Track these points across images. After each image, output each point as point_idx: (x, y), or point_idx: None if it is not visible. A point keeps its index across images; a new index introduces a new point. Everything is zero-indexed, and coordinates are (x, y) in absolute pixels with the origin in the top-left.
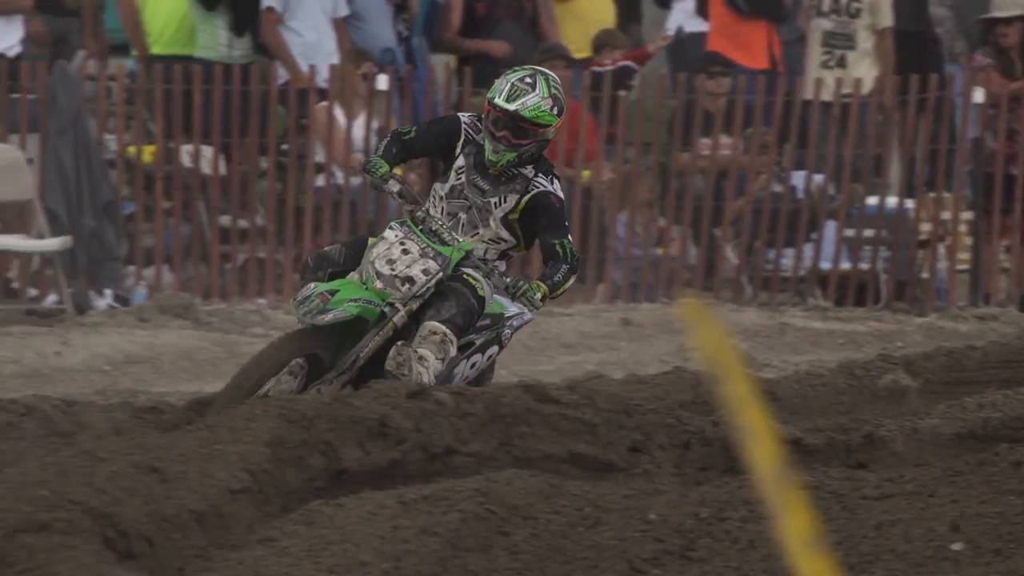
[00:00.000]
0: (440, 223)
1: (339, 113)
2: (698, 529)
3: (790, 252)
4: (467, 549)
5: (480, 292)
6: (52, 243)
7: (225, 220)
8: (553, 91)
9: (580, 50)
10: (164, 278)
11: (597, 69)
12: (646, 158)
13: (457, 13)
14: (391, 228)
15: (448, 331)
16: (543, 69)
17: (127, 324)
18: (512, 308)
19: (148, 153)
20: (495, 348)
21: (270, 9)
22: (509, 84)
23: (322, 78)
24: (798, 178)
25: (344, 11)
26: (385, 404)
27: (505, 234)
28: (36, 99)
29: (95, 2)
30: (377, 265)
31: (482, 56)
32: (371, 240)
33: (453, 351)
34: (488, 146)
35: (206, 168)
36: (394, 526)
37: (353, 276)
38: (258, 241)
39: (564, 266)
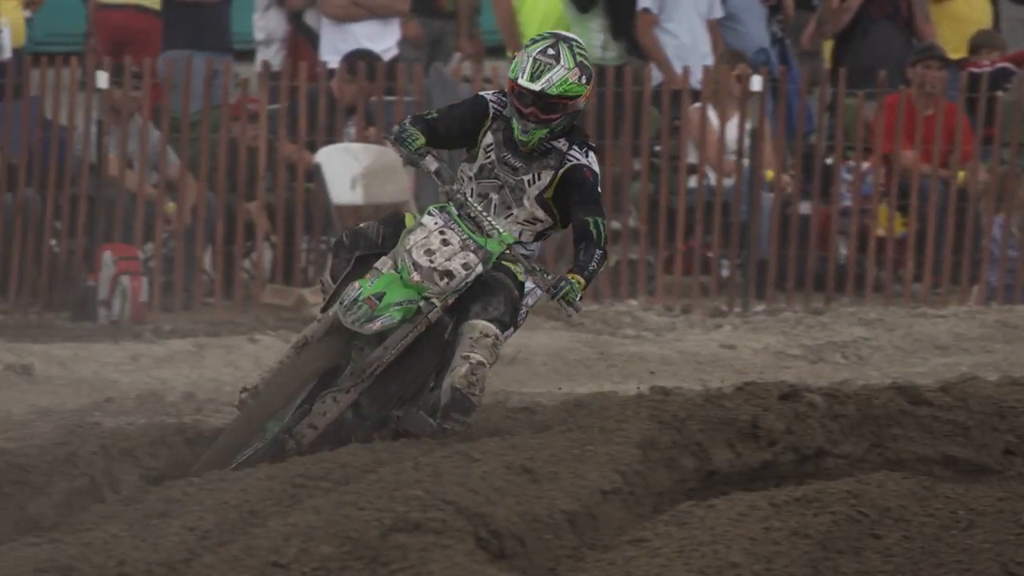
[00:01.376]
0: (479, 210)
1: (712, 115)
2: None
3: None
4: (838, 551)
5: (520, 277)
6: None
7: None
8: (579, 59)
9: (956, 51)
10: None
11: (974, 70)
12: (1023, 159)
13: None
14: (430, 214)
15: (499, 332)
16: (565, 34)
17: None
18: (528, 285)
19: None
20: (511, 330)
21: (646, 11)
22: (531, 59)
23: (696, 79)
24: None
25: (719, 13)
26: (757, 406)
27: (541, 213)
28: (412, 101)
29: (471, 4)
30: (415, 255)
31: (856, 59)
32: (408, 219)
33: (501, 352)
34: (516, 125)
35: None
36: (765, 528)
37: (387, 263)
38: (630, 242)
39: (597, 251)
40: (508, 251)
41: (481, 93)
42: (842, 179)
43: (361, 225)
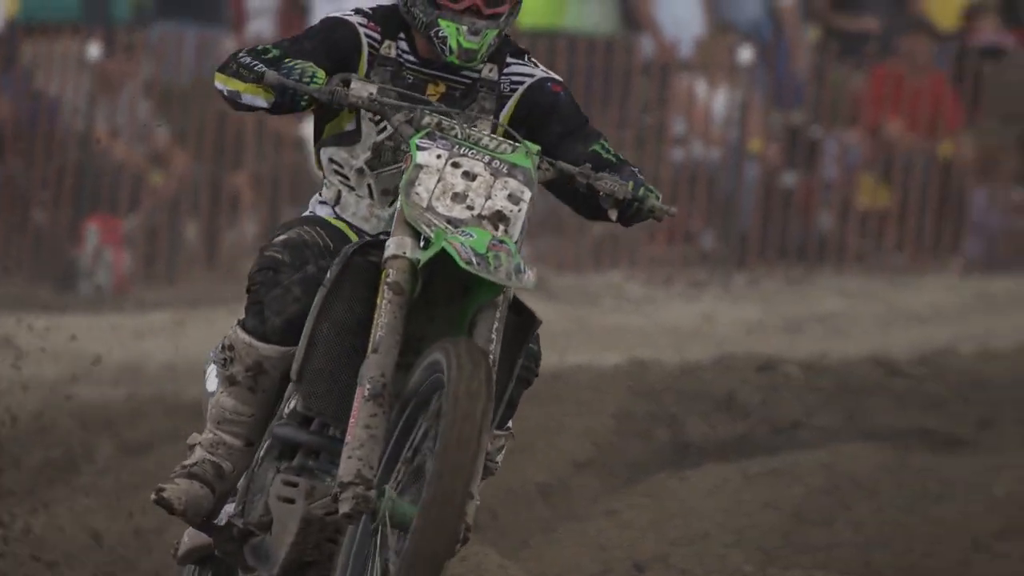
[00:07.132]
0: (466, 126)
1: (702, 86)
2: None
3: None
4: (810, 523)
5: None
6: None
7: None
8: None
9: (948, 20)
10: None
11: (965, 43)
12: (1008, 131)
13: None
14: (421, 148)
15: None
16: None
17: None
18: None
19: None
20: None
21: None
22: None
23: (685, 50)
24: None
25: None
26: (734, 378)
27: None
28: None
29: None
30: (440, 207)
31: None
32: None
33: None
34: (455, 30)
35: None
36: (737, 500)
37: (405, 243)
38: None
39: (631, 167)
40: (542, 164)
41: (337, 15)
42: (826, 151)
43: (285, 236)
